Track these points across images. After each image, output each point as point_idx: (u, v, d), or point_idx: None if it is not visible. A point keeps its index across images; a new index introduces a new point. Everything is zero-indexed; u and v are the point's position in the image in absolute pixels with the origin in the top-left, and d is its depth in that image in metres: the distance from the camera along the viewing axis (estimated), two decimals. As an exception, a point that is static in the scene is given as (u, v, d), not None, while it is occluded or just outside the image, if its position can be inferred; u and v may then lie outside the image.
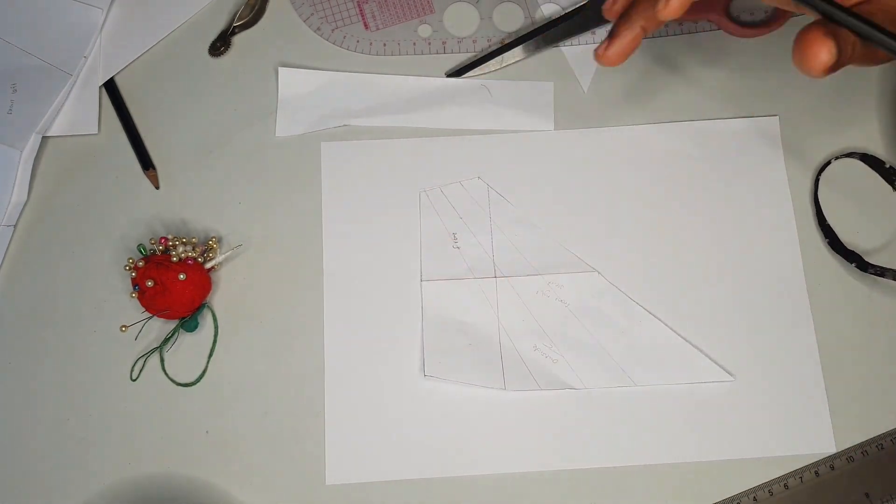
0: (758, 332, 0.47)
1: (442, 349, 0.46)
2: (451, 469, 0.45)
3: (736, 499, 0.44)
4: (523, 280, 0.47)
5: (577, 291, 0.47)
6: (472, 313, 0.47)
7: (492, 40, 0.53)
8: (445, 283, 0.47)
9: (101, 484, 0.46)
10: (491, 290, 0.47)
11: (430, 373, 0.46)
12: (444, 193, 0.48)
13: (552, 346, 0.46)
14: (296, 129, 0.51)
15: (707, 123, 0.50)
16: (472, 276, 0.47)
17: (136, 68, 0.53)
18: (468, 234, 0.48)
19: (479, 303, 0.47)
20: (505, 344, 0.46)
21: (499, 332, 0.46)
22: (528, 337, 0.46)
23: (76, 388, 0.47)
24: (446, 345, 0.46)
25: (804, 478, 0.44)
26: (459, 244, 0.48)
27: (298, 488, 0.45)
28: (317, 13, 0.53)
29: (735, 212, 0.49)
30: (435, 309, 0.47)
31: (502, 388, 0.45)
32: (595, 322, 0.46)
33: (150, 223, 0.50)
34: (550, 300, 0.47)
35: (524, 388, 0.45)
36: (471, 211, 0.49)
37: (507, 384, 0.45)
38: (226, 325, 0.48)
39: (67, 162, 0.51)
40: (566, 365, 0.46)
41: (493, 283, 0.47)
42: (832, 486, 0.44)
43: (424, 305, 0.47)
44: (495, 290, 0.47)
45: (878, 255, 0.48)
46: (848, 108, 0.51)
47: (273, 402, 0.46)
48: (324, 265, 0.48)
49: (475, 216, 0.49)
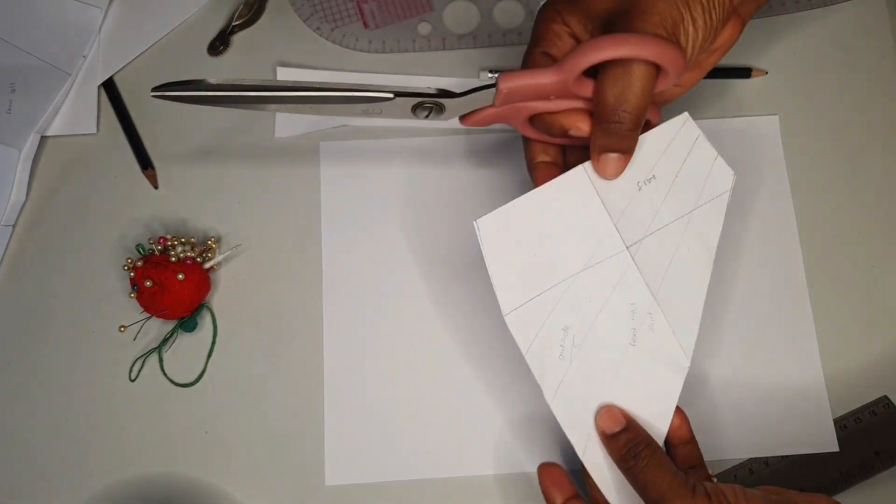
0: (758, 331, 0.47)
1: None
2: (450, 469, 0.45)
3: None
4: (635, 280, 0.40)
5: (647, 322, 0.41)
6: None
7: (492, 37, 0.52)
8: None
9: (100, 484, 0.46)
10: None
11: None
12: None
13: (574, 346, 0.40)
14: (295, 129, 0.51)
15: (707, 123, 0.50)
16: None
17: (135, 68, 0.53)
18: None
19: None
20: None
21: None
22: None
23: (75, 388, 0.47)
24: None
25: (738, 475, 0.44)
26: None
27: (298, 489, 0.45)
28: (316, 12, 0.53)
29: (735, 211, 0.49)
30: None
31: None
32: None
33: (148, 223, 0.49)
34: (624, 313, 0.40)
35: None
36: None
37: None
38: (225, 325, 0.48)
39: (66, 161, 0.51)
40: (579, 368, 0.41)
41: None
42: (768, 482, 0.44)
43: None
44: None
45: None
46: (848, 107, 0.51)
47: (272, 403, 0.46)
48: (323, 265, 0.48)
49: None
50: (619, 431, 0.37)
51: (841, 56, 0.52)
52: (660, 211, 0.39)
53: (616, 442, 0.37)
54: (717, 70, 0.51)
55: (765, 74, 0.51)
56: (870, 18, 0.52)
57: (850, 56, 0.52)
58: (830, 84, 0.51)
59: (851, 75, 0.51)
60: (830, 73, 0.51)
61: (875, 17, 0.52)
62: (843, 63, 0.52)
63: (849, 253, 0.48)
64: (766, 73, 0.51)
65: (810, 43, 0.52)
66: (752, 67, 0.51)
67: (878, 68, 0.51)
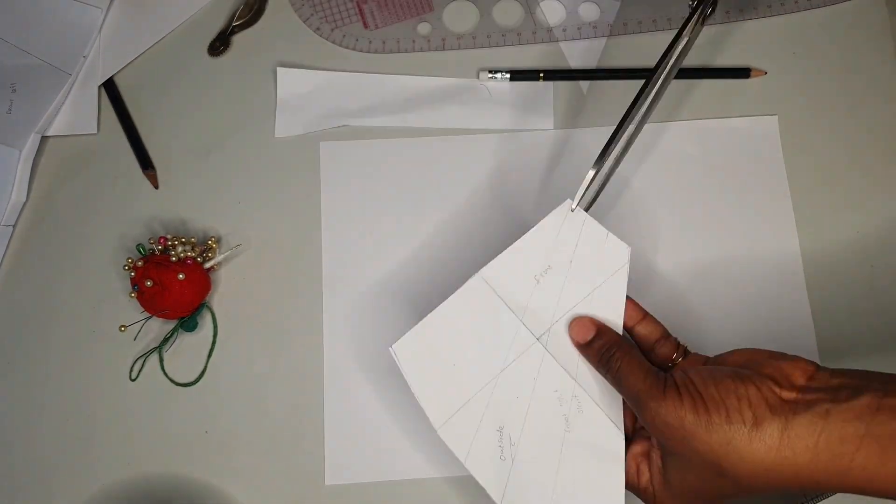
0: (756, 331, 0.47)
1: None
2: (450, 469, 0.45)
3: None
4: (556, 370, 0.40)
5: (589, 430, 0.40)
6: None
7: (492, 37, 0.52)
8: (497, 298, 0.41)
9: (100, 483, 0.46)
10: (523, 344, 0.41)
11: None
12: (586, 224, 0.41)
13: (512, 445, 0.40)
14: (295, 129, 0.51)
15: (707, 123, 0.50)
16: (519, 318, 0.40)
17: (136, 68, 0.53)
18: (559, 283, 0.41)
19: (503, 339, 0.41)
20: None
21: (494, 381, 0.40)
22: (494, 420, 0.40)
23: (75, 387, 0.47)
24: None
25: None
26: (542, 281, 0.41)
27: (298, 488, 0.45)
28: (316, 13, 0.53)
29: (735, 211, 0.49)
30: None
31: None
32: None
33: (149, 223, 0.50)
34: (557, 408, 0.40)
35: None
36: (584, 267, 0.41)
37: None
38: (225, 324, 0.48)
39: (67, 162, 0.51)
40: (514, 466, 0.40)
41: (529, 342, 0.40)
42: None
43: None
44: (528, 348, 0.40)
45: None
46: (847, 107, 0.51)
47: (272, 403, 0.46)
48: (322, 265, 0.48)
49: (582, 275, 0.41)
50: (592, 339, 0.39)
51: (841, 56, 0.52)
52: (561, 298, 0.40)
53: (591, 349, 0.39)
54: (717, 70, 0.51)
55: (764, 74, 0.51)
56: (870, 18, 0.52)
57: (849, 56, 0.52)
58: (830, 84, 0.51)
59: (851, 75, 0.51)
60: (830, 73, 0.51)
61: (875, 18, 0.52)
62: (842, 63, 0.52)
63: (848, 252, 0.48)
64: (765, 73, 0.51)
65: (810, 43, 0.52)
66: (752, 67, 0.51)
67: (878, 68, 0.51)
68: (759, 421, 0.33)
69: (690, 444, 0.34)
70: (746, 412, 0.33)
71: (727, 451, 0.33)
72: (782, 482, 0.33)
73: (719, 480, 0.34)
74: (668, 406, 0.34)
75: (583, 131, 0.50)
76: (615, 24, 0.52)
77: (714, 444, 0.33)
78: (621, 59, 0.52)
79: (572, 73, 0.52)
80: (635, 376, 0.36)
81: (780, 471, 0.33)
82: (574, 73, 0.52)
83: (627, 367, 0.37)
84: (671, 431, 0.34)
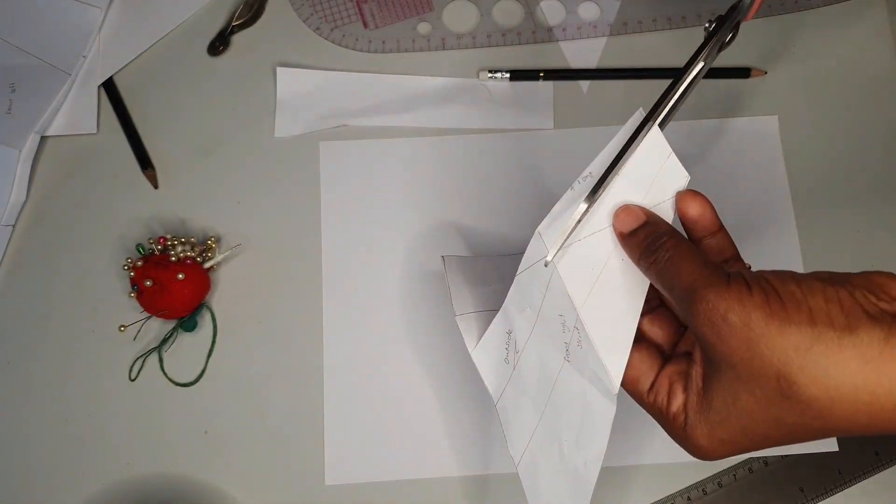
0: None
1: None
2: (450, 469, 0.45)
3: (670, 499, 0.44)
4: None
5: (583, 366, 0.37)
6: None
7: (492, 37, 0.52)
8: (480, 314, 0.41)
9: (100, 484, 0.46)
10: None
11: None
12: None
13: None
14: (294, 128, 0.51)
15: (707, 123, 0.50)
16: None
17: (135, 68, 0.53)
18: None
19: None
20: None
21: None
22: None
23: (75, 387, 0.47)
24: None
25: (737, 475, 0.44)
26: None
27: (298, 488, 0.45)
28: (316, 12, 0.53)
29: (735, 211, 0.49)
30: None
31: None
32: None
33: (148, 223, 0.49)
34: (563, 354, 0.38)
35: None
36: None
37: None
38: (225, 324, 0.48)
39: (66, 161, 0.51)
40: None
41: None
42: (767, 482, 0.44)
43: None
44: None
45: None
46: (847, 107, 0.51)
47: (272, 403, 0.46)
48: (322, 265, 0.48)
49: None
50: (638, 227, 0.32)
51: (841, 56, 0.52)
52: (595, 213, 0.33)
53: (635, 238, 0.31)
54: (717, 70, 0.51)
55: (764, 74, 0.51)
56: (870, 18, 0.52)
57: (849, 56, 0.52)
58: (830, 84, 0.51)
59: (851, 75, 0.51)
60: (830, 73, 0.51)
61: (875, 17, 0.52)
62: (842, 63, 0.52)
63: (848, 252, 0.48)
64: (765, 74, 0.51)
65: (810, 43, 0.52)
66: (752, 67, 0.51)
67: (878, 68, 0.51)
68: (855, 326, 0.25)
69: (755, 349, 0.26)
70: (837, 315, 0.25)
71: (805, 362, 0.25)
72: (872, 413, 0.25)
73: (782, 404, 0.26)
74: (731, 298, 0.26)
75: (583, 131, 0.50)
76: (615, 24, 0.52)
77: (789, 348, 0.25)
78: (621, 59, 0.52)
79: (572, 73, 0.52)
80: (691, 263, 0.29)
81: (872, 395, 0.25)
82: (574, 73, 0.52)
83: (679, 255, 0.29)
84: (731, 332, 0.26)
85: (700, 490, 0.44)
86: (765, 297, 0.26)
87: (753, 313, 0.26)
